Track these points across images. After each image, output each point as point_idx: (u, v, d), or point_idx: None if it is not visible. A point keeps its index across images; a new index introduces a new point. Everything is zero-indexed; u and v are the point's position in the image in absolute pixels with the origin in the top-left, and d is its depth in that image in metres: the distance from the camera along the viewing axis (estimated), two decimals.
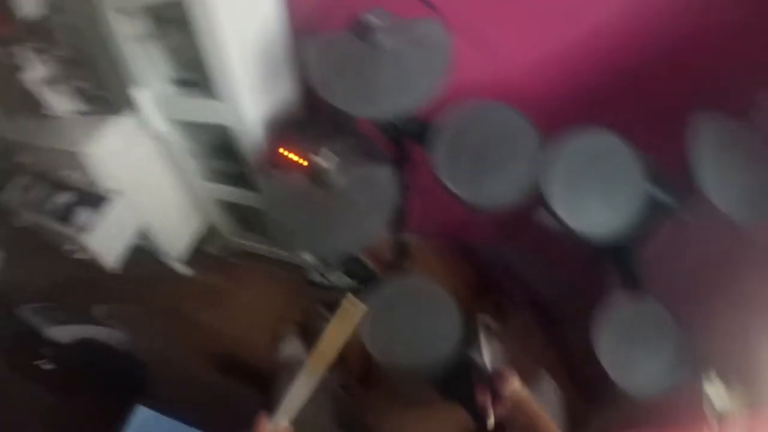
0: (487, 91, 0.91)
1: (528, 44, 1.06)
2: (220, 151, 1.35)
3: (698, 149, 0.81)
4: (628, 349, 0.92)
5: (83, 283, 1.63)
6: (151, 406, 1.19)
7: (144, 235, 1.47)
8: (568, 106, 1.08)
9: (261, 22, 1.06)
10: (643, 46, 0.99)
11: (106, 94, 1.18)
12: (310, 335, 1.47)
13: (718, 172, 0.82)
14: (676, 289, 1.17)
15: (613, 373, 0.89)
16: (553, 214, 0.82)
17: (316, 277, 1.56)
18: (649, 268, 1.08)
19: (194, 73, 1.15)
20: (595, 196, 0.85)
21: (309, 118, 1.12)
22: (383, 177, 0.87)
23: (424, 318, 0.90)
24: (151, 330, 1.59)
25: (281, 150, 0.99)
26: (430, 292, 0.91)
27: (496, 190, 0.81)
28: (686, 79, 0.99)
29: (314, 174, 0.88)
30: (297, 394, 0.71)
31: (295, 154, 0.95)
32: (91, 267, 1.37)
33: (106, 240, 1.31)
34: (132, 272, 1.49)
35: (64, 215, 1.29)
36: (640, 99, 1.06)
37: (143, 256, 1.59)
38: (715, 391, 0.86)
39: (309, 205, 0.88)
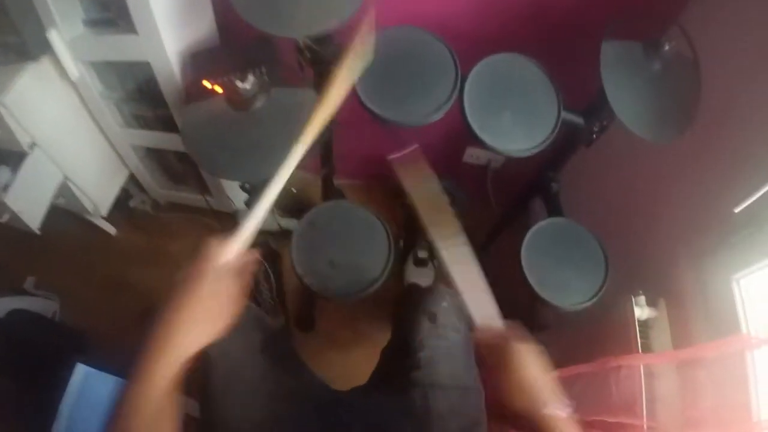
0: (405, 17, 0.93)
1: None
2: (140, 93, 1.28)
3: (608, 72, 0.85)
4: (553, 268, 0.98)
5: (11, 254, 1.54)
6: (90, 363, 1.17)
7: (66, 193, 1.38)
8: (484, 32, 1.11)
9: None
10: None
11: (20, 40, 1.07)
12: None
13: (627, 94, 0.87)
14: (597, 209, 1.26)
15: (540, 291, 0.95)
16: (470, 131, 0.85)
17: None
18: (568, 191, 1.16)
19: (111, 11, 1.08)
20: (510, 114, 0.89)
21: (227, 50, 1.07)
22: (304, 99, 0.87)
23: (355, 241, 0.91)
24: (82, 295, 1.52)
25: (200, 80, 0.95)
26: (359, 217, 0.92)
27: (416, 108, 0.83)
28: (593, 7, 1.05)
29: (233, 98, 0.86)
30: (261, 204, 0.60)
31: (214, 82, 0.92)
32: (18, 235, 1.28)
33: (26, 198, 1.23)
34: (57, 236, 1.42)
35: None
36: (551, 25, 1.12)
37: (66, 217, 1.51)
38: (644, 315, 0.91)
39: (231, 130, 0.86)
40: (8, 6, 1.00)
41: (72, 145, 1.32)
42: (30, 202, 1.25)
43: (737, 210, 0.80)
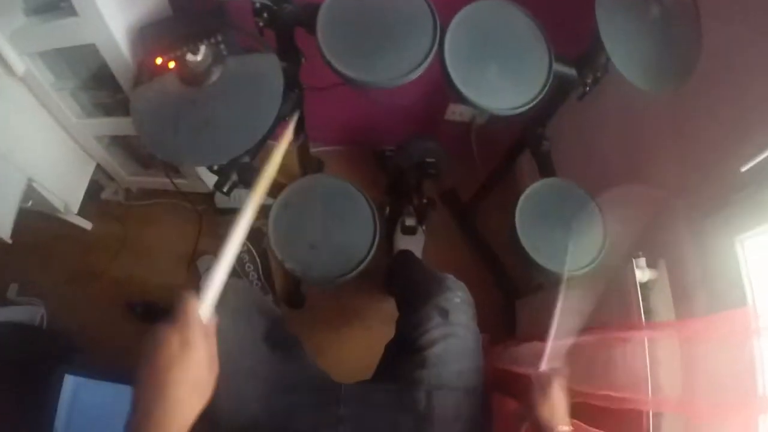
0: None
1: None
2: (95, 79, 1.19)
3: (604, 17, 0.78)
4: (549, 232, 0.92)
5: None
6: (79, 372, 1.14)
7: (33, 196, 1.29)
8: None
9: None
10: None
11: None
12: None
13: (624, 42, 0.80)
14: (590, 167, 1.20)
15: (536, 257, 0.89)
16: (453, 88, 0.76)
17: (224, 204, 1.47)
18: (560, 147, 1.09)
19: None
20: (496, 67, 0.80)
21: (178, 21, 0.97)
22: (266, 66, 0.78)
23: (335, 218, 0.84)
24: (67, 295, 1.49)
25: (150, 57, 0.85)
26: (338, 191, 0.85)
27: (391, 67, 0.74)
28: None
29: (185, 73, 0.77)
30: (222, 265, 0.56)
31: (164, 57, 0.82)
32: None
33: None
34: (32, 239, 1.36)
35: None
36: None
37: (38, 218, 1.43)
38: (645, 277, 0.87)
39: (186, 109, 0.77)
40: None
41: (31, 146, 1.23)
42: None
43: (744, 169, 0.75)
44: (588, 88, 0.94)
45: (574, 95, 0.96)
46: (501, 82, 0.80)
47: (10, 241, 1.20)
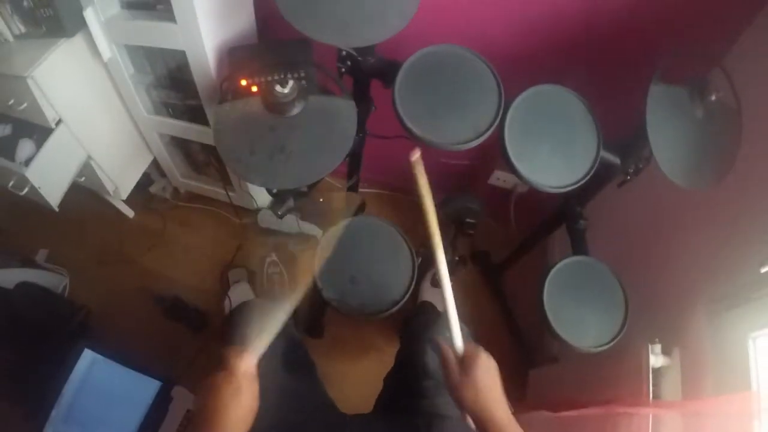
0: (452, 36, 0.90)
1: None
2: (172, 81, 1.27)
3: (651, 114, 0.83)
4: (573, 307, 0.96)
5: (25, 226, 1.55)
6: (98, 349, 1.18)
7: (88, 173, 1.38)
8: (529, 60, 1.09)
9: None
10: (603, 14, 1.02)
11: (55, 14, 1.06)
12: (259, 281, 1.45)
13: (668, 140, 0.85)
14: (620, 249, 1.23)
15: (558, 329, 0.92)
16: (507, 160, 0.82)
17: (267, 223, 1.53)
18: (594, 227, 1.13)
19: None
20: (548, 147, 0.86)
21: (265, 47, 1.06)
22: (342, 109, 0.85)
23: (378, 259, 0.89)
24: (93, 274, 1.53)
25: (237, 78, 0.94)
26: (385, 234, 0.90)
27: (452, 131, 0.81)
28: (640, 46, 1.03)
29: (271, 102, 0.84)
30: (272, 327, 0.68)
31: (249, 81, 0.91)
32: (34, 207, 1.28)
33: (48, 174, 1.22)
34: (74, 212, 1.41)
35: (7, 148, 1.18)
36: (596, 59, 1.10)
37: (85, 194, 1.51)
38: (658, 363, 0.89)
39: (264, 134, 0.84)
40: None
41: (98, 126, 1.32)
42: (51, 179, 1.25)
43: (764, 270, 0.78)
44: (629, 177, 0.99)
45: (616, 181, 1.01)
46: (551, 161, 0.86)
47: (57, 209, 1.28)
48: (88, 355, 1.16)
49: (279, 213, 0.89)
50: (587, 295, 0.99)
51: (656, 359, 0.90)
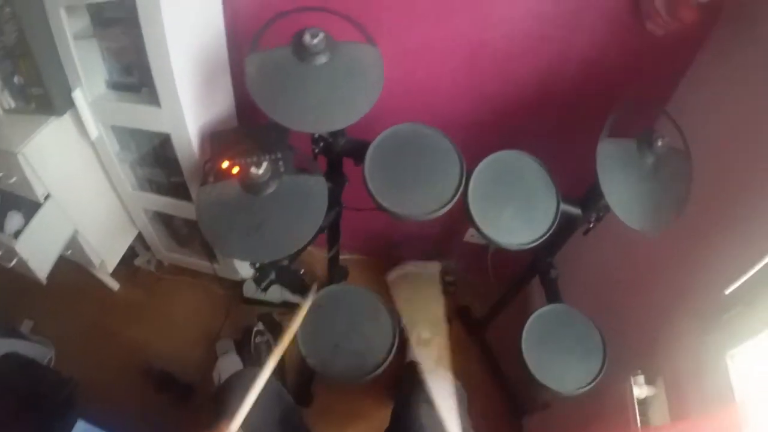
0: (416, 112, 0.99)
1: (451, 75, 1.16)
2: (156, 159, 1.33)
3: (604, 170, 0.90)
4: (552, 354, 1.00)
5: (10, 296, 1.54)
6: (91, 420, 1.13)
7: (74, 246, 1.41)
8: (487, 129, 1.20)
9: (204, 33, 1.09)
10: (551, 80, 1.13)
11: (45, 93, 1.11)
12: (246, 351, 1.45)
13: (621, 189, 0.92)
14: (593, 291, 1.28)
15: (539, 376, 0.96)
16: (473, 225, 0.88)
17: (251, 293, 1.55)
18: (567, 274, 1.19)
19: (134, 78, 1.14)
20: (512, 209, 0.93)
21: (245, 131, 1.14)
22: (314, 185, 0.91)
23: (360, 325, 0.93)
24: (78, 345, 1.52)
25: (217, 160, 1.00)
26: (366, 301, 0.94)
27: (419, 202, 0.87)
28: (588, 107, 1.12)
29: (247, 182, 0.90)
30: (251, 394, 0.72)
31: (230, 163, 0.97)
32: (19, 278, 1.30)
33: (36, 247, 1.25)
34: (60, 285, 1.42)
35: None
36: (548, 125, 1.20)
37: (70, 267, 1.52)
38: (643, 394, 0.92)
39: (242, 212, 0.89)
40: (38, 61, 1.04)
41: (85, 201, 1.36)
42: (39, 251, 1.27)
43: (727, 292, 0.83)
44: (591, 225, 1.06)
45: (581, 230, 1.08)
46: (515, 221, 0.92)
47: (44, 282, 1.29)
48: (80, 427, 1.13)
49: (262, 286, 0.93)
50: (565, 341, 1.03)
51: (640, 390, 0.93)
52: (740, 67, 0.95)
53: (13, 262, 1.22)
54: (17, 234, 1.20)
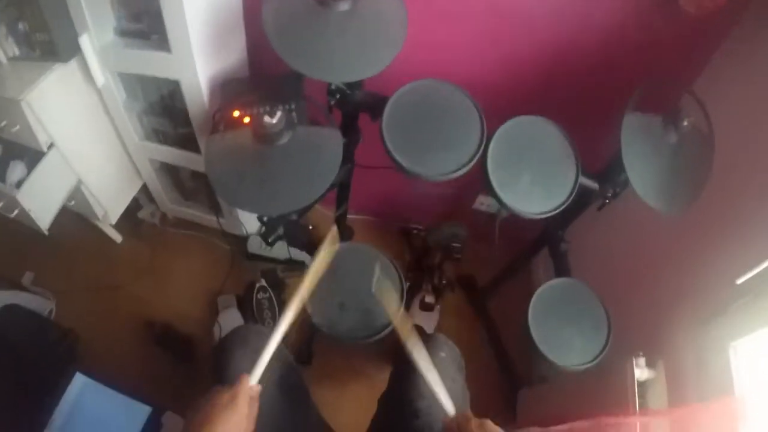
0: (436, 71, 0.95)
1: (473, 36, 1.11)
2: (164, 108, 1.30)
3: (628, 144, 0.88)
4: (558, 328, 0.99)
5: (11, 248, 1.53)
6: (89, 373, 1.17)
7: (77, 197, 1.39)
8: (509, 92, 1.15)
9: None
10: (576, 49, 1.09)
11: (50, 39, 1.07)
12: (249, 307, 1.45)
13: (643, 166, 0.90)
14: (602, 269, 1.27)
15: (544, 350, 0.95)
16: (490, 189, 0.86)
17: (256, 249, 1.54)
18: (576, 248, 1.17)
19: (144, 24, 1.10)
20: (529, 176, 0.90)
21: (258, 81, 1.10)
22: (329, 139, 0.88)
23: (366, 284, 0.91)
24: (79, 298, 1.52)
25: (228, 109, 0.97)
26: (372, 259, 0.93)
27: (437, 162, 0.84)
28: (615, 78, 1.08)
29: (260, 132, 0.87)
30: (268, 349, 0.71)
31: (241, 112, 0.94)
32: (21, 229, 1.28)
33: (39, 197, 1.23)
34: (62, 236, 1.41)
35: None
36: (574, 90, 1.16)
37: (73, 218, 1.51)
38: (643, 376, 0.92)
39: (253, 163, 0.87)
40: (43, 6, 1.01)
41: (89, 151, 1.33)
42: (41, 202, 1.25)
43: (739, 282, 0.82)
44: (608, 201, 1.03)
45: (595, 205, 1.05)
46: (532, 189, 0.89)
47: (46, 233, 1.28)
48: (79, 379, 1.15)
49: (269, 240, 0.91)
50: (571, 316, 1.02)
51: (641, 372, 0.93)
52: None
53: (15, 212, 1.21)
54: (19, 184, 1.18)
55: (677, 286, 1.02)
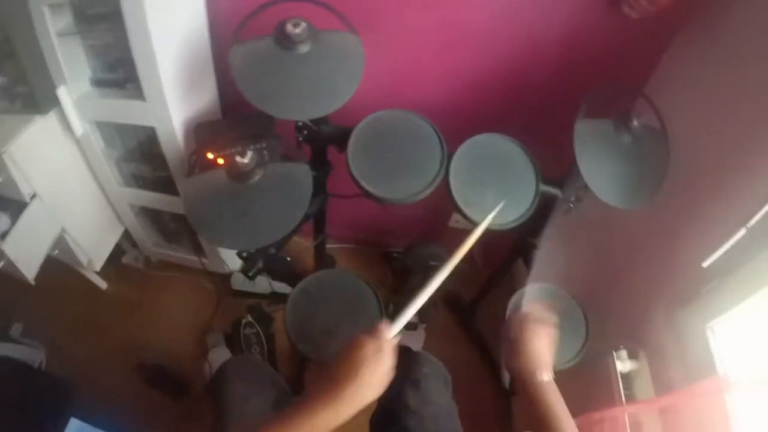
0: (397, 98, 1.01)
1: (431, 62, 1.18)
2: (141, 154, 1.33)
3: (581, 149, 0.93)
4: None
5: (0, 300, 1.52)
6: (84, 418, 1.16)
7: (62, 246, 1.40)
8: (466, 113, 1.21)
9: (187, 26, 1.09)
10: (530, 63, 1.15)
11: (30, 91, 1.10)
12: (237, 344, 1.47)
13: (599, 168, 0.94)
14: (576, 270, 1.31)
15: None
16: (455, 206, 0.91)
17: (240, 286, 1.56)
18: (549, 254, 1.21)
19: (118, 74, 1.14)
20: (493, 190, 0.95)
21: (230, 122, 1.14)
22: (299, 173, 0.92)
23: (347, 309, 0.95)
24: (69, 346, 1.51)
25: (203, 151, 1.01)
26: (350, 285, 0.96)
27: (402, 185, 0.89)
28: (567, 89, 1.12)
29: (233, 171, 0.91)
30: (411, 306, 0.72)
31: (215, 154, 0.98)
32: (7, 280, 1.28)
33: (24, 247, 1.24)
34: (48, 285, 1.39)
35: None
36: (528, 108, 1.22)
37: (58, 267, 1.51)
38: (626, 368, 0.95)
39: (230, 201, 0.91)
40: (22, 59, 1.03)
41: (71, 199, 1.35)
42: (27, 252, 1.26)
43: (705, 264, 0.85)
44: (572, 205, 1.08)
45: (561, 210, 1.10)
46: (497, 202, 0.94)
47: (33, 283, 1.28)
48: (74, 424, 1.14)
49: (250, 274, 0.94)
50: None
51: (623, 364, 0.96)
52: (713, 52, 0.98)
53: (1, 263, 1.21)
54: (4, 235, 1.18)
55: (650, 277, 1.06)
